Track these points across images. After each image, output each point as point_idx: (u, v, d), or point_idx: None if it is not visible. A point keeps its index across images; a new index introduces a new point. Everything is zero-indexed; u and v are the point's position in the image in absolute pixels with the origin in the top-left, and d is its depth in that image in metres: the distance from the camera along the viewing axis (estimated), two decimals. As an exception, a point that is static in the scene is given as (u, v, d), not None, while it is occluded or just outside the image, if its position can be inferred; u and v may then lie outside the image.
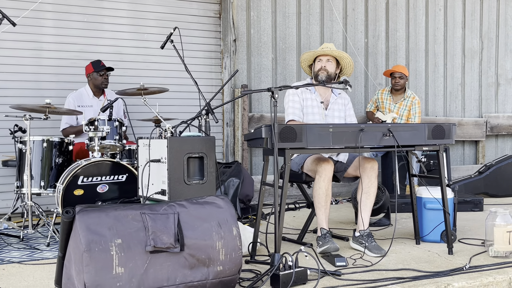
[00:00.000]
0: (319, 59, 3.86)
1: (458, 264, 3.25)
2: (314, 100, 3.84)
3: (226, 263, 2.59)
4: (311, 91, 3.85)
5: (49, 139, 4.21)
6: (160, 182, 3.22)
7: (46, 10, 5.24)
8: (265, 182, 3.45)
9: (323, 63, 3.82)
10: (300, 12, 6.32)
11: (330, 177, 3.48)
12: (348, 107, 3.97)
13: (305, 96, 3.82)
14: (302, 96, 3.81)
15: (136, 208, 2.52)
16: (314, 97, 3.84)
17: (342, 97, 3.96)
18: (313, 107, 3.81)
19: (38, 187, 4.17)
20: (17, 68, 5.13)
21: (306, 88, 3.80)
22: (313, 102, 3.83)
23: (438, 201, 3.63)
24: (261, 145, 3.15)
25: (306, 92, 3.83)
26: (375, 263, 3.28)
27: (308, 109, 3.80)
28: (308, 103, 3.82)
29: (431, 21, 7.11)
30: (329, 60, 3.82)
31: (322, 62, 3.82)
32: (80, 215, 2.38)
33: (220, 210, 2.67)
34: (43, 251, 3.71)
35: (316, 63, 3.88)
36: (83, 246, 2.29)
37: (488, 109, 7.53)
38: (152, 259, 2.42)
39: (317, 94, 3.86)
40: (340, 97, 3.94)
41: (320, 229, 3.55)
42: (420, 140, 3.44)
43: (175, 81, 5.68)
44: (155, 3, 5.74)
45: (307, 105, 3.81)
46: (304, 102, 3.81)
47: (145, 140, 3.40)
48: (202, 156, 3.25)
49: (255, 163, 6.18)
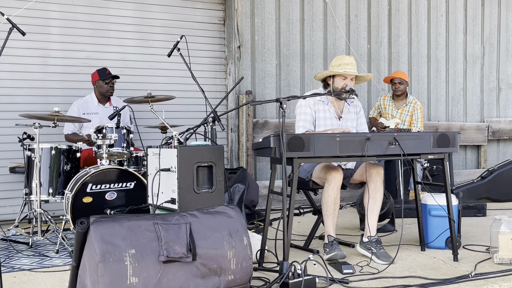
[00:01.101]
0: (343, 77, 3.80)
1: (463, 272, 3.30)
2: (327, 111, 3.83)
3: (237, 272, 2.63)
4: (325, 103, 3.84)
5: (57, 147, 4.26)
6: (170, 191, 3.26)
7: (53, 18, 5.30)
8: (272, 190, 3.49)
9: (347, 82, 3.79)
10: (304, 18, 6.37)
11: (339, 186, 3.53)
12: (360, 115, 4.00)
13: (317, 108, 3.82)
14: (314, 108, 3.81)
15: (149, 218, 2.57)
16: (327, 108, 3.84)
17: (354, 105, 3.99)
18: (326, 118, 3.82)
19: (46, 194, 4.21)
20: (24, 76, 5.18)
21: (319, 100, 3.82)
22: (326, 113, 3.83)
23: (443, 208, 3.68)
24: (269, 154, 3.20)
25: (319, 104, 3.82)
26: (381, 271, 3.33)
27: (320, 121, 3.80)
28: (321, 114, 3.82)
29: (433, 27, 7.16)
30: (352, 79, 3.82)
31: (346, 81, 3.78)
32: (95, 225, 2.42)
33: (230, 219, 2.72)
34: (53, 258, 3.75)
35: (338, 79, 3.80)
36: (98, 257, 2.34)
37: (490, 114, 7.59)
38: (165, 268, 2.47)
39: (330, 106, 3.85)
40: (352, 105, 3.97)
41: (327, 236, 3.59)
42: (426, 148, 3.49)
43: (180, 88, 5.74)
44: (160, 10, 5.79)
45: (319, 117, 3.81)
46: (317, 114, 3.81)
47: (155, 149, 3.45)
48: (211, 165, 3.30)
49: (260, 169, 6.23)
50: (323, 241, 4.23)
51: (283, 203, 3.08)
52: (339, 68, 3.74)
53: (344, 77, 3.79)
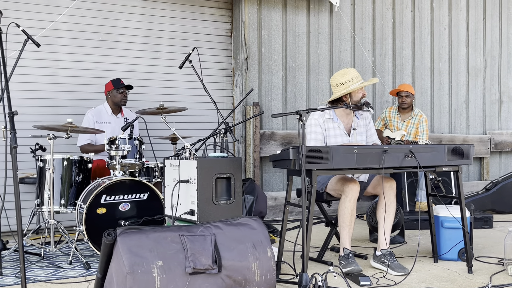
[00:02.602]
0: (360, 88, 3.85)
1: (479, 284, 3.32)
2: (337, 128, 3.86)
3: (262, 284, 2.64)
4: (334, 120, 3.87)
5: (69, 157, 4.26)
6: (189, 202, 3.28)
7: (62, 29, 5.32)
8: (289, 202, 3.52)
9: (363, 92, 3.84)
10: (310, 31, 6.43)
11: (356, 198, 3.56)
12: (369, 126, 4.03)
13: (327, 126, 3.84)
14: (324, 126, 3.83)
15: (174, 230, 2.58)
16: (336, 126, 3.86)
17: (363, 117, 4.01)
18: (336, 136, 3.84)
19: (58, 205, 4.20)
20: (34, 87, 5.19)
21: (328, 118, 3.85)
22: (336, 131, 3.86)
23: (458, 220, 3.71)
24: (288, 166, 3.23)
25: (328, 122, 3.84)
26: (398, 282, 3.35)
27: (331, 139, 3.83)
28: (331, 132, 3.84)
29: (436, 40, 7.24)
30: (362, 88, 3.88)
31: (362, 91, 3.83)
32: (122, 237, 2.43)
33: (254, 231, 2.73)
34: (67, 270, 3.75)
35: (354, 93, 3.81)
36: (127, 268, 2.34)
37: (492, 126, 7.66)
38: (192, 280, 2.47)
39: (339, 122, 3.88)
40: (361, 118, 4.00)
41: (343, 249, 3.61)
42: (440, 161, 3.53)
43: (189, 99, 5.76)
44: (168, 22, 5.83)
45: (329, 135, 3.84)
46: (327, 132, 3.84)
47: (173, 160, 3.46)
48: (230, 176, 3.32)
49: (266, 180, 6.25)
50: (334, 252, 4.27)
51: (302, 214, 3.10)
52: (353, 83, 3.77)
53: (360, 89, 3.82)
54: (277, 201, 6.13)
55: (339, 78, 3.79)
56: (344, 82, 3.76)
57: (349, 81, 3.75)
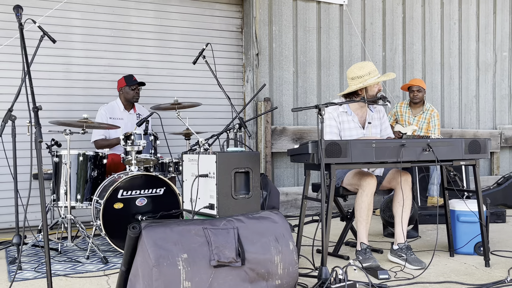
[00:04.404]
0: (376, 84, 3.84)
1: (498, 277, 3.33)
2: (351, 122, 3.86)
3: (284, 277, 2.66)
4: (348, 113, 3.86)
5: (84, 153, 4.28)
6: (208, 197, 3.29)
7: (75, 25, 5.34)
8: (307, 196, 3.53)
9: (378, 86, 3.83)
10: (320, 26, 6.42)
11: (373, 192, 3.56)
12: (383, 120, 4.03)
13: (341, 119, 3.83)
14: (338, 119, 3.82)
15: (198, 223, 2.59)
16: (351, 119, 3.86)
17: (377, 110, 4.00)
18: (351, 129, 3.84)
19: (74, 200, 4.22)
20: (48, 83, 5.22)
21: (342, 111, 3.85)
22: (351, 124, 3.85)
23: (475, 214, 3.71)
24: (307, 160, 3.23)
25: (343, 115, 3.84)
26: (416, 276, 3.35)
27: (345, 132, 3.82)
28: (345, 125, 3.84)
29: (446, 35, 7.23)
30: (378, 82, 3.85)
31: (378, 85, 3.82)
32: (147, 230, 2.45)
33: (276, 225, 2.74)
34: (85, 264, 3.77)
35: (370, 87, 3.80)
36: (152, 261, 2.36)
37: (502, 120, 7.64)
38: (216, 273, 2.49)
39: (354, 115, 3.87)
40: (375, 111, 3.99)
41: (360, 244, 3.61)
42: (458, 154, 3.53)
43: (201, 95, 5.78)
44: (180, 18, 5.84)
45: (344, 128, 3.83)
46: (341, 125, 3.83)
47: (191, 155, 3.47)
48: (248, 170, 3.33)
49: (277, 175, 6.26)
50: (350, 247, 4.28)
51: (321, 208, 3.11)
52: (370, 77, 3.76)
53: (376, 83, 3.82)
54: (288, 197, 6.14)
55: (356, 71, 3.78)
56: (361, 76, 3.75)
57: (366, 75, 3.74)
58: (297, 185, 6.35)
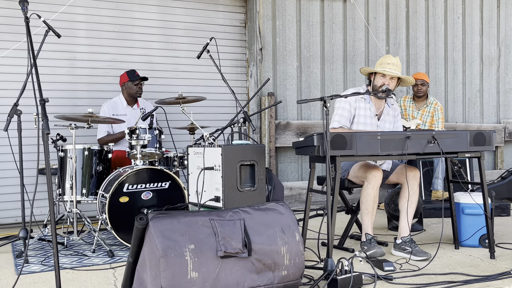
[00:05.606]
0: (382, 75, 3.81)
1: (503, 269, 3.33)
2: (368, 110, 3.85)
3: (290, 268, 2.67)
4: (366, 101, 3.85)
5: (90, 148, 4.29)
6: (213, 189, 3.30)
7: (79, 21, 5.35)
8: (312, 188, 3.53)
9: (386, 80, 3.79)
10: (324, 21, 6.42)
11: (379, 184, 3.57)
12: (397, 118, 4.02)
13: (358, 105, 3.82)
14: (355, 104, 3.81)
15: (204, 214, 2.60)
16: (368, 107, 3.85)
17: (394, 108, 4.00)
18: (366, 117, 3.83)
19: (79, 195, 4.24)
20: (52, 78, 5.23)
21: (361, 97, 3.84)
22: (367, 111, 3.84)
23: (480, 206, 3.71)
24: (312, 152, 3.24)
25: (361, 101, 3.83)
26: (422, 268, 3.36)
27: (360, 118, 3.82)
28: (361, 112, 3.83)
29: (450, 29, 7.22)
30: (392, 78, 3.81)
31: (385, 79, 3.79)
32: (154, 221, 2.46)
33: (282, 216, 2.75)
34: (91, 257, 3.79)
35: (377, 76, 3.82)
36: (160, 252, 2.37)
37: (506, 115, 7.63)
38: (223, 264, 2.50)
39: (371, 104, 3.86)
40: (392, 108, 3.98)
41: (365, 235, 3.63)
42: (463, 147, 3.53)
43: (205, 90, 5.79)
44: (184, 13, 5.85)
45: (359, 114, 3.82)
46: (357, 111, 3.82)
47: (196, 148, 3.49)
48: (253, 163, 3.34)
49: (281, 170, 6.26)
50: (354, 240, 4.29)
51: (327, 201, 3.12)
52: (380, 67, 3.78)
53: (383, 76, 3.81)
54: (292, 191, 6.15)
55: (379, 60, 3.87)
56: (381, 63, 3.83)
57: (379, 64, 3.78)
58: (301, 180, 6.36)
